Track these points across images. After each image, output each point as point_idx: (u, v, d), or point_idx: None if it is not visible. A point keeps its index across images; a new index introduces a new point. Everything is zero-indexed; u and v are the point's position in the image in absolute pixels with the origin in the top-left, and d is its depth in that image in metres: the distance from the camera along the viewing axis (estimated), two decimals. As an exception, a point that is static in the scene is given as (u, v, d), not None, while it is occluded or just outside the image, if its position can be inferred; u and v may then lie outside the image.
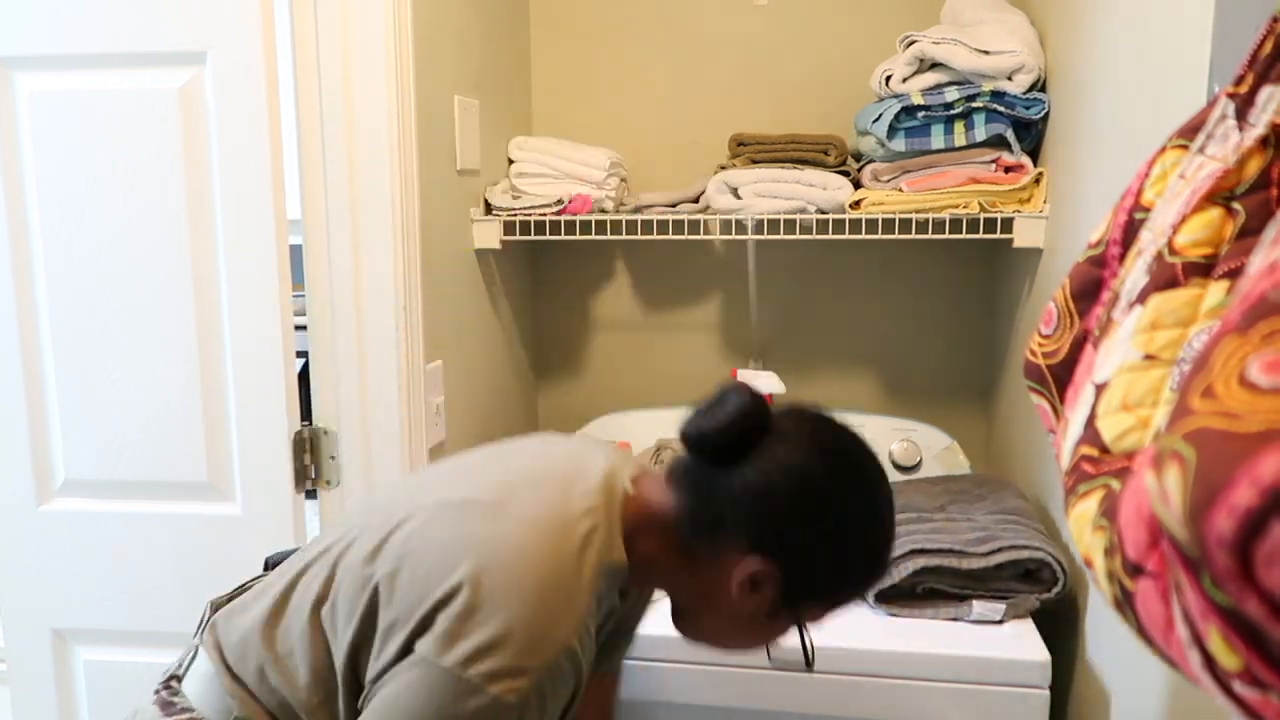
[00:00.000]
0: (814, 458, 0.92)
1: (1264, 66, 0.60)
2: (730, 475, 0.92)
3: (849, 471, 0.94)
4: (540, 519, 0.90)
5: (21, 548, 1.63)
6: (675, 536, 0.95)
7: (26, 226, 1.55)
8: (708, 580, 0.95)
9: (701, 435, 0.93)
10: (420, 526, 0.91)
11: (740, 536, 0.91)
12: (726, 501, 0.92)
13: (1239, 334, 0.42)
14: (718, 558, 0.93)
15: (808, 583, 0.93)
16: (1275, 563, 0.35)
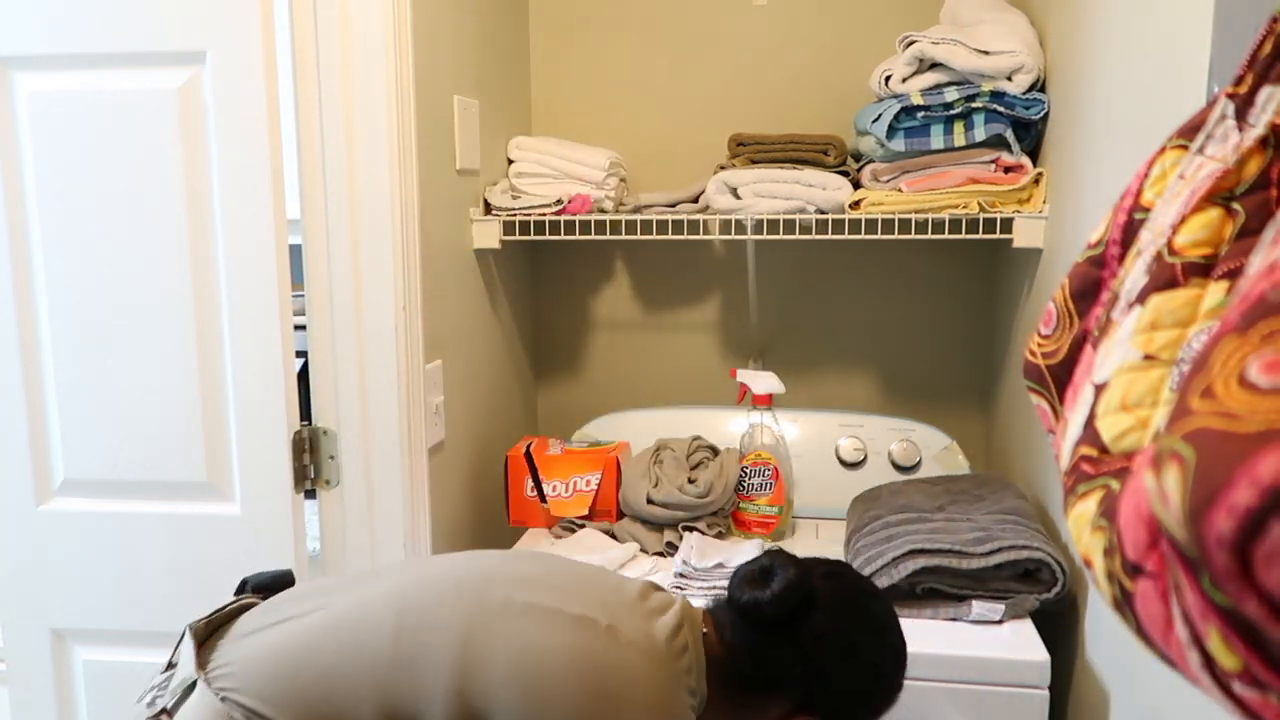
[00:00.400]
0: (862, 631, 1.06)
1: (1264, 67, 0.60)
2: (782, 643, 1.03)
3: (882, 634, 1.08)
4: (648, 648, 0.98)
5: (20, 548, 1.63)
6: (729, 681, 1.04)
7: (26, 226, 1.55)
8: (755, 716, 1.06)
9: (757, 607, 1.03)
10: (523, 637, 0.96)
11: (790, 696, 1.04)
12: (781, 667, 1.03)
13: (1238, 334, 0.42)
14: (765, 709, 1.05)
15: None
16: (1274, 563, 0.35)
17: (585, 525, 1.73)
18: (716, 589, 1.45)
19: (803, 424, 1.89)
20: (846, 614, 1.06)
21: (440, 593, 1.00)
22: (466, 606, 0.98)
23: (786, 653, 1.03)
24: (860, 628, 1.06)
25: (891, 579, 1.36)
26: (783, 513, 1.71)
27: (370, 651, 0.96)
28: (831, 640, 1.04)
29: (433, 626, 0.97)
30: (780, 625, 1.03)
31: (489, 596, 0.99)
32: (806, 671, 1.03)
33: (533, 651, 0.95)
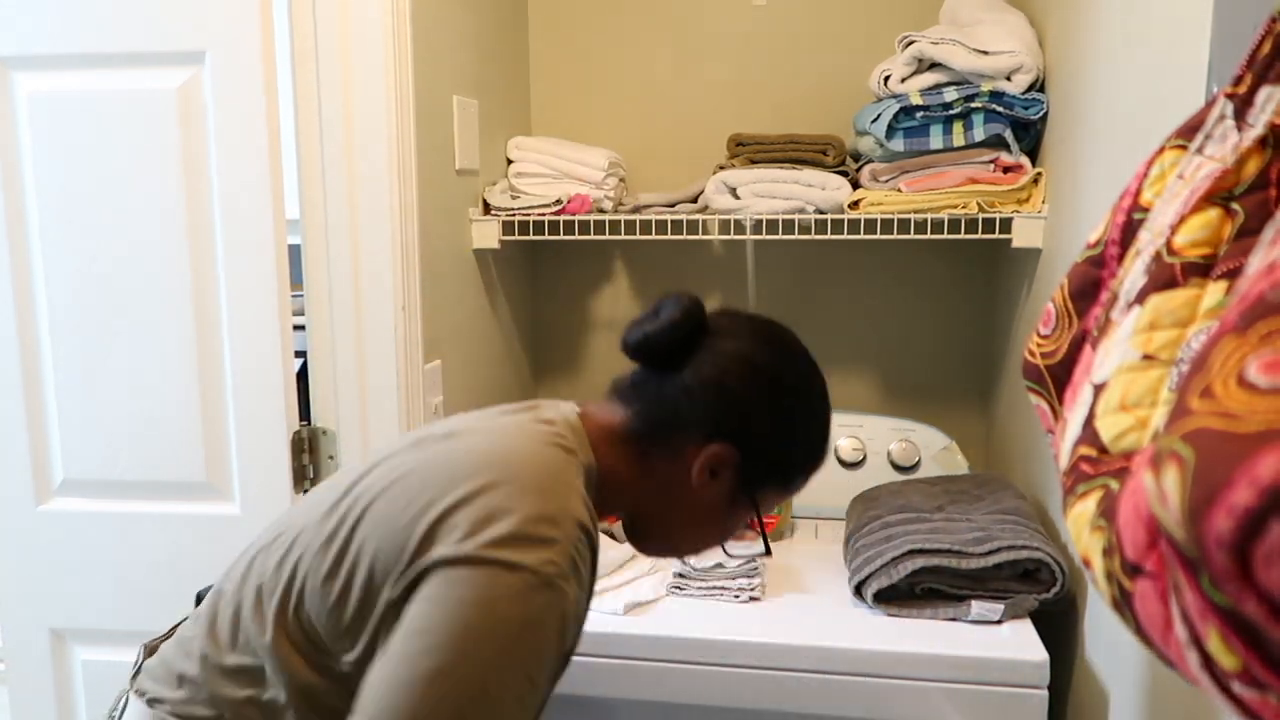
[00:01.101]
0: (758, 345, 0.99)
1: (1263, 67, 0.60)
2: (679, 375, 0.97)
3: (791, 355, 1.02)
4: (517, 432, 0.92)
5: (20, 548, 1.63)
6: (632, 445, 0.98)
7: (25, 226, 1.55)
8: (666, 480, 0.98)
9: (646, 339, 0.98)
10: (391, 470, 0.89)
11: (697, 428, 0.96)
12: (680, 398, 0.97)
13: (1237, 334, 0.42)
14: (675, 454, 0.97)
15: (763, 462, 0.99)
16: (1274, 563, 0.35)
17: (584, 525, 1.72)
18: (716, 589, 1.45)
19: (802, 424, 1.89)
20: (744, 335, 0.99)
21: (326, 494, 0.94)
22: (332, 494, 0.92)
23: (684, 379, 0.97)
24: (762, 348, 0.99)
25: (891, 579, 1.36)
26: (782, 513, 1.71)
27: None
28: (730, 359, 0.97)
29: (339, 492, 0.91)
30: (674, 355, 0.97)
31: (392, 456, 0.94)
32: (709, 396, 0.96)
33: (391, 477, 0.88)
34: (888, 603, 1.38)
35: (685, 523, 1.02)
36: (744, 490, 0.99)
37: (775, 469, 1.01)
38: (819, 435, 1.03)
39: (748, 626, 1.36)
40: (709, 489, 0.98)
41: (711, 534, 1.04)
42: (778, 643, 1.32)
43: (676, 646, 1.34)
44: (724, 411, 0.96)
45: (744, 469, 0.98)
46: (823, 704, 1.31)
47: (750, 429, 0.97)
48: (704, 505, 0.99)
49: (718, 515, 1.01)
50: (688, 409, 0.97)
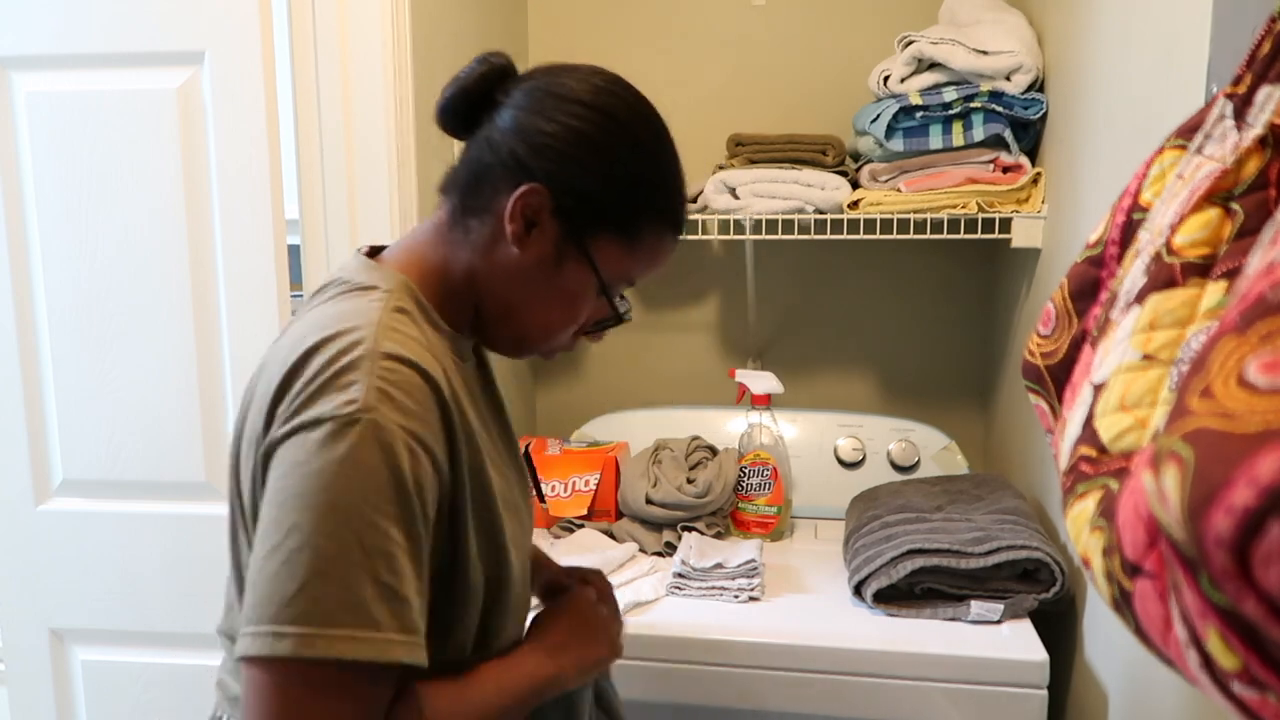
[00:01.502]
0: (565, 76, 0.89)
1: (1262, 66, 0.60)
2: (484, 129, 0.90)
3: (607, 83, 0.91)
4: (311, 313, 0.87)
5: (19, 547, 1.63)
6: (457, 232, 0.90)
7: (24, 227, 1.55)
8: (490, 251, 0.89)
9: (446, 102, 0.91)
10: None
11: (504, 178, 0.87)
12: (485, 152, 0.89)
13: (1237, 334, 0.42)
14: (492, 217, 0.88)
15: (584, 203, 0.87)
16: (1273, 563, 0.35)
17: (584, 525, 1.73)
18: (715, 589, 1.45)
19: (801, 424, 1.89)
20: (552, 73, 0.90)
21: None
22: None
23: (487, 130, 0.89)
24: (569, 78, 0.89)
25: (890, 579, 1.36)
26: (781, 513, 1.71)
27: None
28: (533, 93, 0.88)
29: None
30: (476, 110, 0.90)
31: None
32: (510, 137, 0.87)
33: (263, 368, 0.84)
34: (887, 603, 1.38)
35: (520, 296, 0.89)
36: (572, 239, 0.87)
37: (602, 211, 0.88)
38: (649, 168, 0.90)
39: (747, 626, 1.36)
40: (534, 246, 0.87)
41: (555, 307, 0.90)
42: (777, 643, 1.32)
43: (676, 646, 1.34)
44: (528, 149, 0.86)
45: (566, 213, 0.87)
46: (822, 704, 1.31)
47: (560, 164, 0.86)
48: (533, 267, 0.88)
49: (551, 277, 0.88)
50: (491, 159, 0.88)
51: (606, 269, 0.89)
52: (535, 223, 0.87)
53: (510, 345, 0.95)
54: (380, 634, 0.72)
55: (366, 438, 0.73)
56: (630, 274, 0.92)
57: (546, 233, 0.87)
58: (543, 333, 0.93)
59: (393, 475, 0.74)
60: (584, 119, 0.87)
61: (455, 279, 0.91)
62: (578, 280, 0.89)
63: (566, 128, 0.86)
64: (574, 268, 0.89)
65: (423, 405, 0.78)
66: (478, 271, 0.90)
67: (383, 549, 0.73)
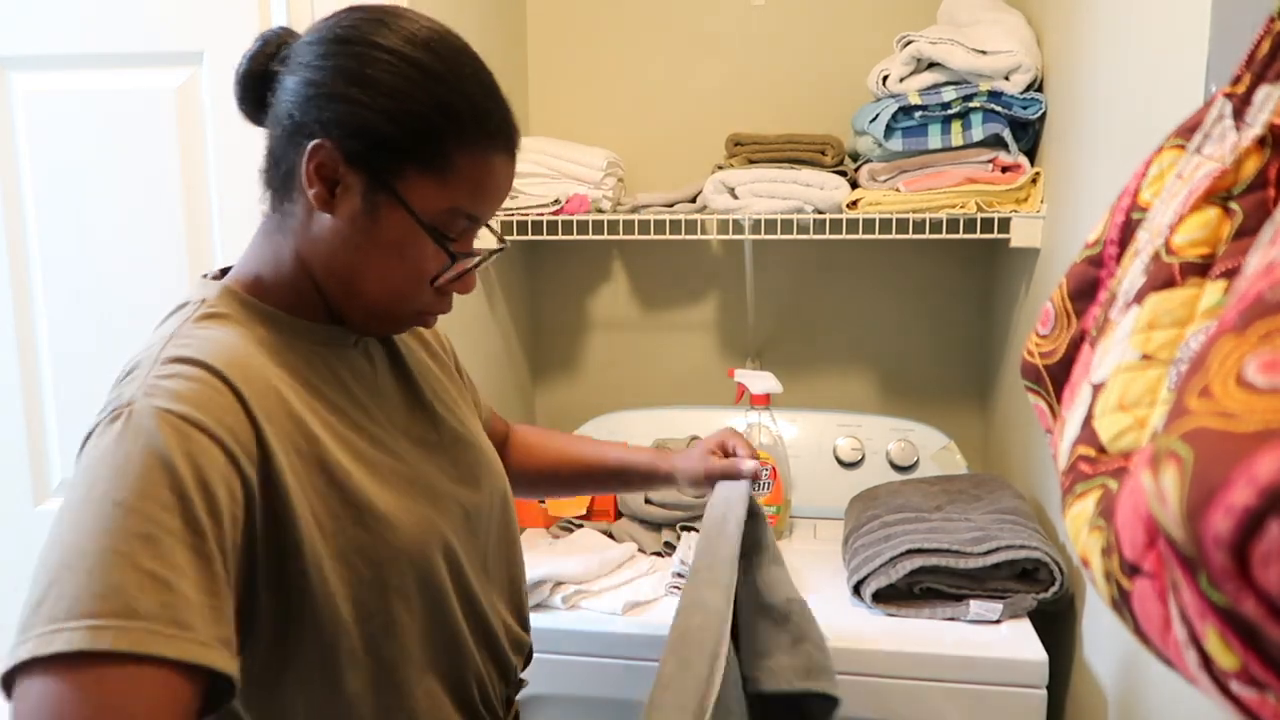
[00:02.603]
0: (323, 25, 0.84)
1: (1261, 66, 0.60)
2: (268, 109, 0.84)
3: (369, 12, 0.84)
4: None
5: (18, 548, 1.63)
6: (277, 221, 0.85)
7: (23, 227, 1.55)
8: (307, 225, 0.83)
9: (236, 89, 0.85)
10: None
11: (292, 144, 0.81)
12: (273, 126, 0.83)
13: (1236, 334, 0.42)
14: (298, 190, 0.82)
15: (372, 142, 0.80)
16: (1272, 562, 0.35)
17: (583, 525, 1.73)
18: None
19: (800, 424, 1.89)
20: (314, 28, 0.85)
21: None
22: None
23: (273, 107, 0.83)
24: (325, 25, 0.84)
25: (889, 578, 1.36)
26: (780, 512, 1.71)
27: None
28: (295, 51, 0.83)
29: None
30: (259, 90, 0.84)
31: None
32: (287, 104, 0.81)
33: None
34: (886, 602, 1.38)
35: (350, 263, 0.83)
36: (380, 186, 0.81)
37: (397, 148, 0.80)
38: (436, 89, 0.82)
39: (746, 626, 1.36)
40: (342, 205, 0.81)
41: (388, 264, 0.83)
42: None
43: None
44: (300, 105, 0.80)
45: (362, 161, 0.80)
46: (821, 704, 1.31)
47: (333, 110, 0.79)
48: (350, 228, 0.82)
49: (371, 233, 0.82)
50: (279, 132, 0.82)
51: (424, 208, 0.82)
52: (336, 181, 0.81)
53: (368, 320, 0.87)
54: (138, 623, 0.62)
55: (128, 428, 0.69)
56: (458, 207, 0.83)
57: (350, 187, 0.81)
58: (391, 296, 0.85)
59: (159, 459, 0.67)
60: (345, 55, 0.80)
61: (288, 269, 0.85)
62: (400, 228, 0.82)
63: (330, 69, 0.80)
64: (390, 215, 0.81)
65: (205, 395, 0.72)
66: (303, 253, 0.84)
67: (144, 533, 0.65)
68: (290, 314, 0.86)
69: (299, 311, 0.86)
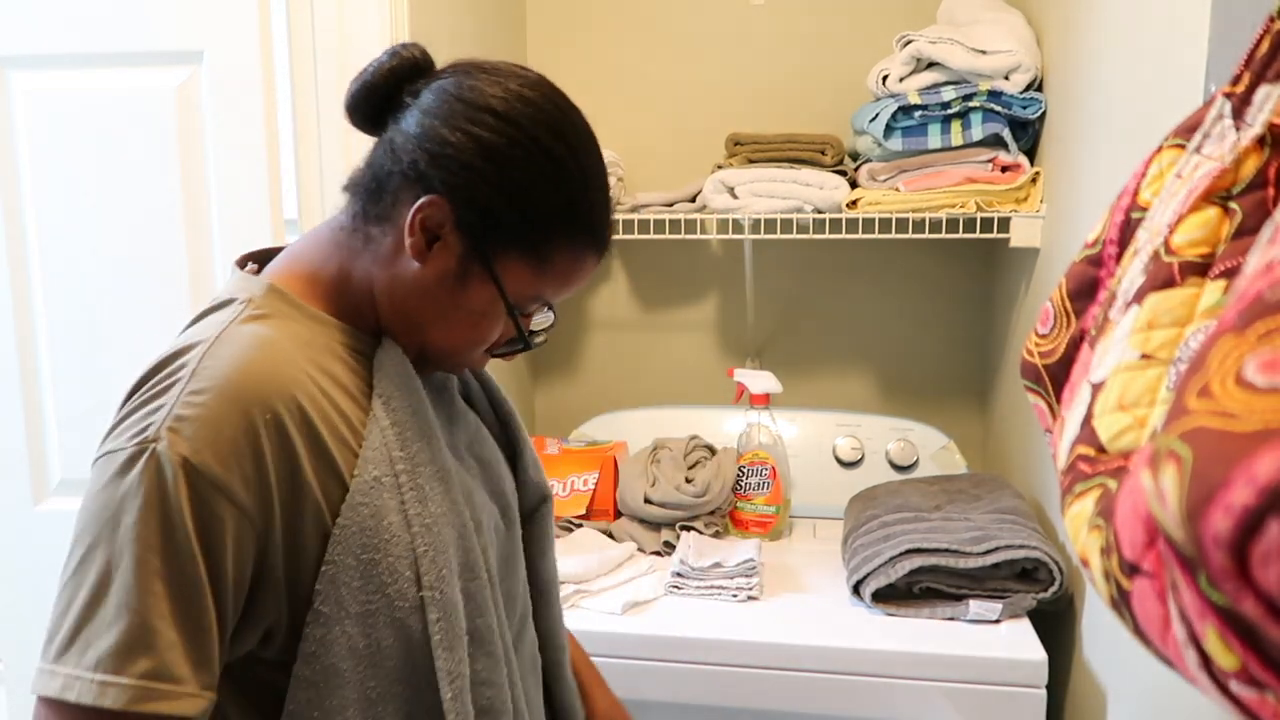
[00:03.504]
0: (475, 77, 0.83)
1: (1261, 66, 0.60)
2: (390, 130, 0.84)
3: (522, 86, 0.84)
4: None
5: (17, 548, 1.63)
6: (357, 236, 0.85)
7: (23, 226, 1.55)
8: (392, 260, 0.83)
9: (351, 99, 0.85)
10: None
11: (406, 187, 0.82)
12: (387, 157, 0.83)
13: (1235, 333, 0.42)
14: (393, 226, 0.83)
15: (489, 217, 0.81)
16: (1271, 562, 0.35)
17: (583, 525, 1.73)
18: (714, 589, 1.45)
19: (800, 423, 1.89)
20: (465, 72, 0.84)
21: None
22: None
23: (392, 133, 0.83)
24: (479, 79, 0.83)
25: (889, 578, 1.36)
26: (780, 512, 1.71)
27: None
28: (438, 95, 0.82)
29: None
30: (384, 106, 0.84)
31: None
32: (412, 143, 0.81)
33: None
34: (886, 602, 1.38)
35: (423, 312, 0.84)
36: (478, 257, 0.82)
37: (508, 229, 0.82)
38: (561, 185, 0.83)
39: (745, 626, 1.36)
40: (436, 261, 0.82)
41: (458, 326, 0.85)
42: (775, 642, 1.32)
43: (674, 646, 1.34)
44: (429, 158, 0.81)
45: (470, 229, 0.81)
46: (821, 703, 1.31)
47: (462, 177, 0.80)
48: (435, 284, 0.83)
49: (455, 295, 0.83)
50: (393, 165, 0.82)
51: (514, 289, 0.84)
52: (438, 237, 0.82)
53: (418, 355, 0.88)
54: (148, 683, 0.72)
55: (148, 470, 0.74)
56: (542, 295, 0.86)
57: (450, 248, 0.82)
58: (447, 351, 0.87)
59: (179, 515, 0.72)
60: (491, 128, 0.81)
61: (353, 285, 0.86)
62: (483, 299, 0.84)
63: (471, 137, 0.80)
64: (479, 286, 0.83)
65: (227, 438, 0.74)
66: (377, 281, 0.85)
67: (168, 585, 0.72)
68: (328, 313, 0.86)
69: (347, 319, 0.86)
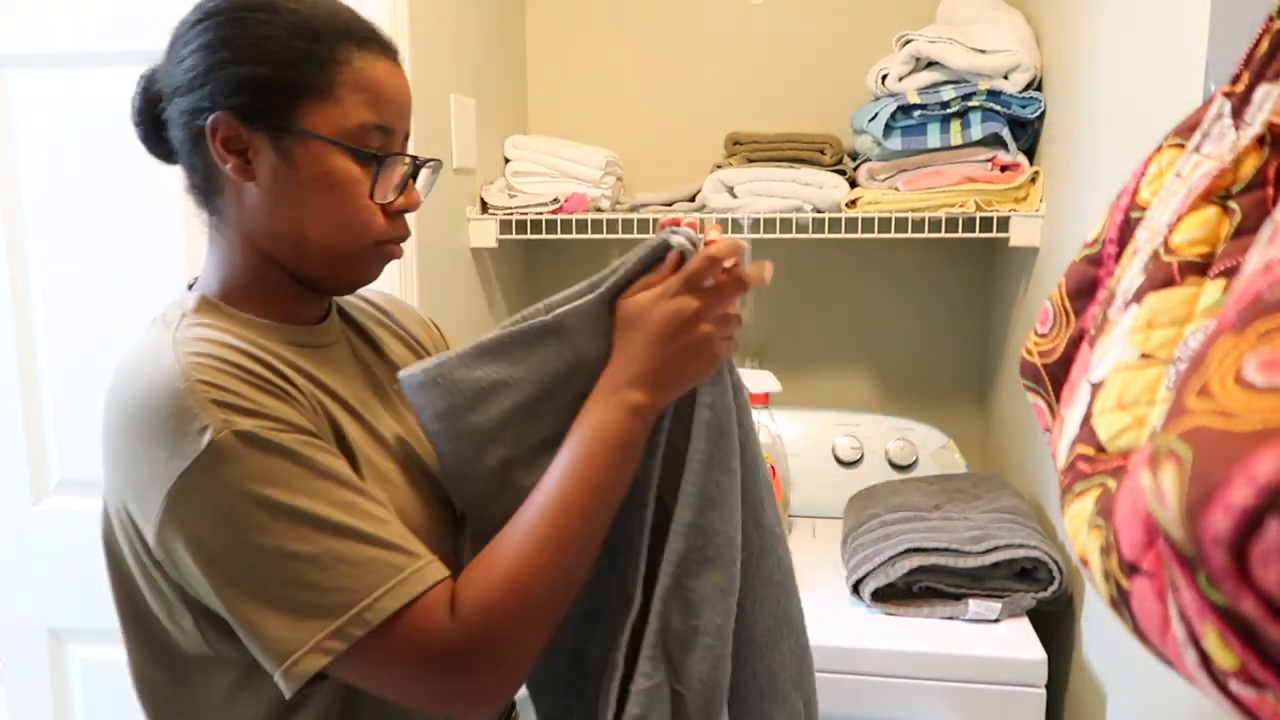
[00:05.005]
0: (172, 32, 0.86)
1: (1260, 65, 0.60)
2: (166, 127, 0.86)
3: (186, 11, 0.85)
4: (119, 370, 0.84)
5: (17, 546, 1.63)
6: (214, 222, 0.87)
7: (22, 226, 1.55)
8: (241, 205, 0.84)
9: (141, 140, 0.88)
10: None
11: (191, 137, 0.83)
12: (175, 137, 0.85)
13: (1235, 333, 0.42)
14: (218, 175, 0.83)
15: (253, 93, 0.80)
16: (1271, 562, 0.35)
17: (582, 524, 1.72)
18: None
19: (799, 423, 1.89)
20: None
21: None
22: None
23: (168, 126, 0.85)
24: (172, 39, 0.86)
25: (888, 577, 1.36)
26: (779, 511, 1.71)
27: None
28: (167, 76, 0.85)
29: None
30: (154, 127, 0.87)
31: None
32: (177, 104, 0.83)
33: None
34: (885, 601, 1.38)
35: (295, 219, 0.84)
36: (282, 130, 0.81)
37: (277, 88, 0.81)
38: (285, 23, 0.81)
39: (745, 625, 1.36)
40: (260, 165, 0.82)
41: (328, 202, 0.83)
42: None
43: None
44: (183, 97, 0.82)
45: (255, 114, 0.81)
46: (820, 703, 1.31)
47: (206, 82, 0.81)
48: (279, 184, 0.82)
49: (298, 179, 0.82)
50: (179, 135, 0.84)
51: (331, 131, 0.82)
52: (244, 146, 0.82)
53: (333, 272, 0.87)
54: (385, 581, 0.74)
55: (239, 449, 0.74)
56: (364, 122, 0.83)
57: (259, 146, 0.81)
58: (342, 233, 0.85)
59: (281, 455, 0.75)
60: (196, 34, 0.82)
61: (246, 267, 0.86)
62: (318, 160, 0.82)
63: (190, 54, 0.82)
64: (305, 152, 0.82)
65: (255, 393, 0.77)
66: (251, 236, 0.85)
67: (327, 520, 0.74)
68: (264, 319, 0.86)
69: (272, 315, 0.87)
